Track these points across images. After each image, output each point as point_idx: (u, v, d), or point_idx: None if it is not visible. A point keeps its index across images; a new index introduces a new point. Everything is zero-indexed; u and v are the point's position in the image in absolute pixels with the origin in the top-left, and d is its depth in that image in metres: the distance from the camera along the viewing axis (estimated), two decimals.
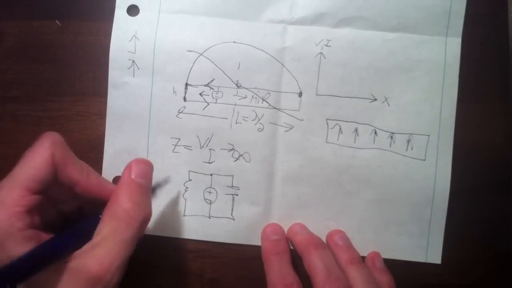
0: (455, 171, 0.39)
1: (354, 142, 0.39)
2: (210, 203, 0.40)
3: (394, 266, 0.39)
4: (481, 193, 0.40)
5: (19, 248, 0.27)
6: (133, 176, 0.32)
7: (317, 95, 0.39)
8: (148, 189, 0.33)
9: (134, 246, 0.30)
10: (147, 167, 0.33)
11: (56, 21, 0.40)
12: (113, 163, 0.39)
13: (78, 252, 0.29)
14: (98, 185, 0.32)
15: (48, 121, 0.40)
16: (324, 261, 0.35)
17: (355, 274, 0.35)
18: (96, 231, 0.29)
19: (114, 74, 0.39)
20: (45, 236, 0.29)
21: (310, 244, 0.37)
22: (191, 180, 0.40)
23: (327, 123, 0.39)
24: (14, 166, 0.30)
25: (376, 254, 0.39)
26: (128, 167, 0.32)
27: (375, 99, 0.39)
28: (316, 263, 0.35)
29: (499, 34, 0.40)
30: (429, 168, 0.39)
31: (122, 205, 0.30)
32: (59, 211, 0.33)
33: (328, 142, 0.39)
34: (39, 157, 0.29)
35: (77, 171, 0.31)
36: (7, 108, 0.40)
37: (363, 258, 0.39)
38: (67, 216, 0.34)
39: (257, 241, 0.39)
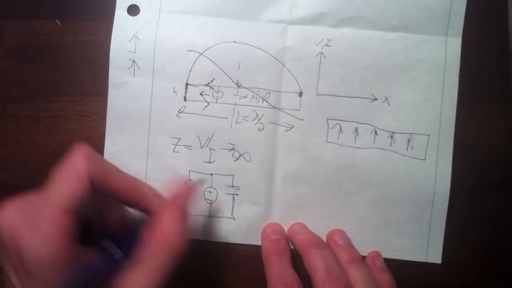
0: (455, 171, 0.39)
1: (354, 142, 0.39)
2: (210, 203, 0.40)
3: (394, 266, 0.39)
4: (481, 193, 0.40)
5: (58, 274, 0.26)
6: (180, 204, 0.32)
7: (317, 94, 0.39)
8: (188, 218, 0.32)
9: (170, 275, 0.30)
10: (192, 194, 0.33)
11: (57, 21, 0.40)
12: (113, 163, 0.39)
13: (117, 275, 0.28)
14: (140, 196, 0.31)
15: (48, 121, 0.40)
16: (325, 260, 0.35)
17: (355, 274, 0.35)
18: (137, 252, 0.29)
19: (115, 74, 0.39)
20: (82, 254, 0.28)
21: (311, 243, 0.37)
22: (191, 179, 0.40)
23: (328, 123, 0.39)
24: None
25: (376, 254, 0.39)
26: (177, 194, 0.32)
27: (376, 99, 0.39)
28: (316, 263, 0.35)
29: (499, 34, 0.40)
30: (429, 168, 0.39)
31: (167, 233, 0.29)
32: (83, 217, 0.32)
33: (329, 142, 0.39)
34: (74, 177, 0.28)
35: (119, 182, 0.30)
36: (7, 108, 0.40)
37: (363, 257, 0.39)
38: (89, 221, 0.33)
39: (257, 241, 0.39)
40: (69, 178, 0.28)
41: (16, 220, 0.26)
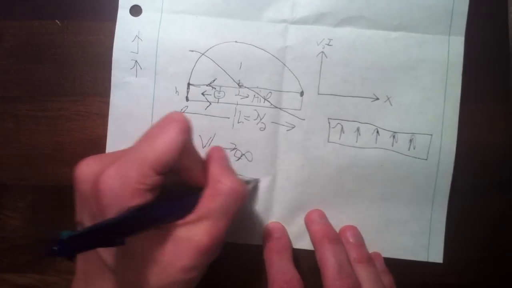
0: (455, 171, 0.39)
1: (356, 142, 0.39)
2: None
3: (395, 266, 0.39)
4: (481, 193, 0.40)
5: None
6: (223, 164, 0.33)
7: (318, 94, 0.39)
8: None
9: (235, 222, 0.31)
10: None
11: (57, 21, 0.40)
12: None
13: (182, 222, 0.29)
14: (203, 177, 0.32)
15: (48, 121, 0.40)
16: (337, 256, 0.35)
17: (363, 273, 0.35)
18: (200, 205, 0.30)
19: (117, 74, 0.39)
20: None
21: (325, 237, 0.37)
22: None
23: (329, 123, 0.39)
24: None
25: (377, 255, 0.39)
26: (216, 157, 0.33)
27: (377, 99, 0.39)
28: (328, 258, 0.35)
29: (500, 34, 0.40)
30: (431, 167, 0.39)
31: (226, 183, 0.30)
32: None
33: (330, 142, 0.39)
34: (171, 142, 0.28)
35: (192, 162, 0.31)
36: (7, 108, 0.40)
37: None
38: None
39: (258, 241, 0.39)
40: (165, 143, 0.28)
41: (112, 180, 0.27)
